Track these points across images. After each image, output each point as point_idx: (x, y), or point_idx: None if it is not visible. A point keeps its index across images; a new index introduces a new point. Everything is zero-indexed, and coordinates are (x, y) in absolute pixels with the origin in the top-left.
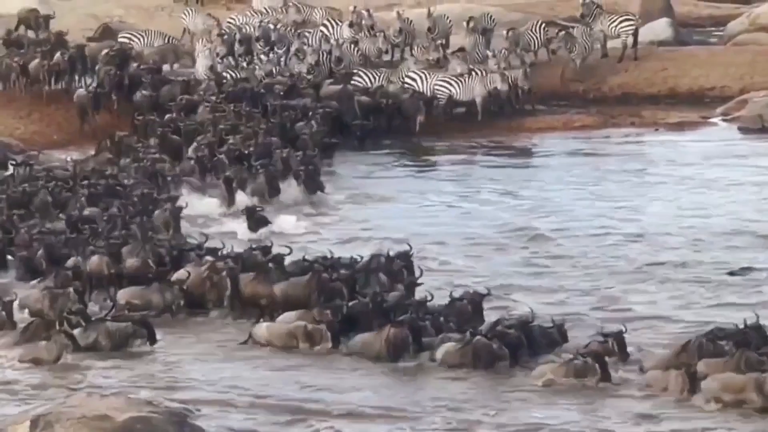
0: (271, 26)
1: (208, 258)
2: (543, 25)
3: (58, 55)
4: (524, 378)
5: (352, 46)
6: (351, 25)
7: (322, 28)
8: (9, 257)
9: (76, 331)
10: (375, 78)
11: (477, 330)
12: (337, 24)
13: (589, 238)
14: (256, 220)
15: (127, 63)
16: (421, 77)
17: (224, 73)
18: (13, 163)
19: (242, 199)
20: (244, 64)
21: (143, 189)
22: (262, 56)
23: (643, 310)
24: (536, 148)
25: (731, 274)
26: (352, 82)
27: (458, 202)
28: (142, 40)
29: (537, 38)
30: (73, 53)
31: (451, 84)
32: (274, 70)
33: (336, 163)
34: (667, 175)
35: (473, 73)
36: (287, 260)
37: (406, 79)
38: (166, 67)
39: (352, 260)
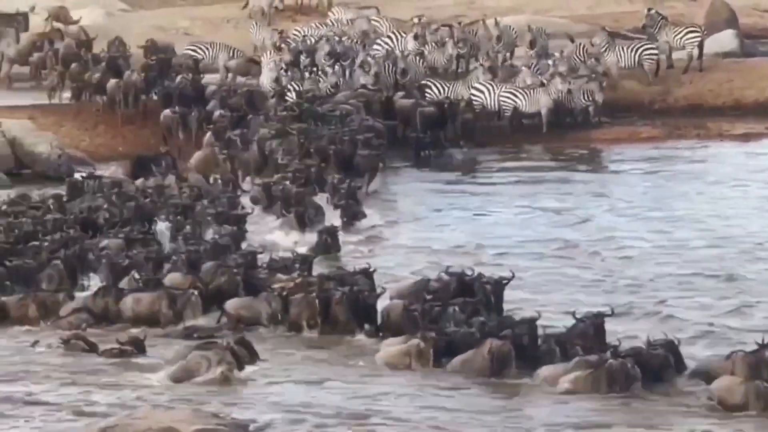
0: (337, 38)
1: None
2: (586, 47)
3: (134, 74)
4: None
5: (417, 57)
6: (416, 37)
7: (386, 39)
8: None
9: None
10: (444, 89)
11: (610, 351)
12: (401, 36)
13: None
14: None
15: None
16: (488, 88)
17: (289, 85)
18: (83, 176)
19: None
20: (308, 76)
21: (216, 207)
22: (327, 68)
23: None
24: (602, 160)
25: None
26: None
27: (524, 214)
28: (207, 52)
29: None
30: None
31: (516, 95)
32: (339, 82)
33: (402, 178)
34: (733, 186)
35: (541, 84)
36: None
37: (473, 91)
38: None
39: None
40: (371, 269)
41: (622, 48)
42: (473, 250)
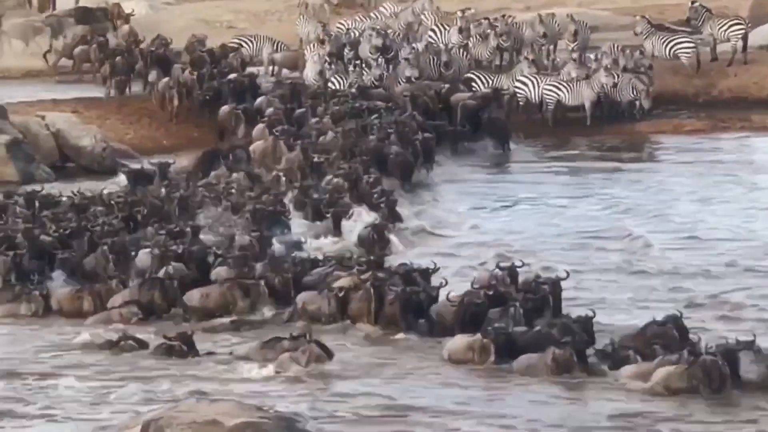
0: (381, 31)
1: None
2: (621, 47)
3: (185, 71)
4: None
5: (461, 50)
6: (460, 31)
7: (430, 32)
8: None
9: None
10: (489, 82)
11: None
12: (445, 29)
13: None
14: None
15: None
16: (532, 81)
17: (332, 78)
18: (152, 168)
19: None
20: (352, 69)
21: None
22: (372, 61)
23: None
24: (647, 152)
25: None
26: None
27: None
28: (251, 45)
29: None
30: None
31: (560, 88)
32: (383, 75)
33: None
34: None
35: (585, 77)
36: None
37: (517, 83)
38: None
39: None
40: (432, 268)
41: (659, 38)
42: (517, 242)
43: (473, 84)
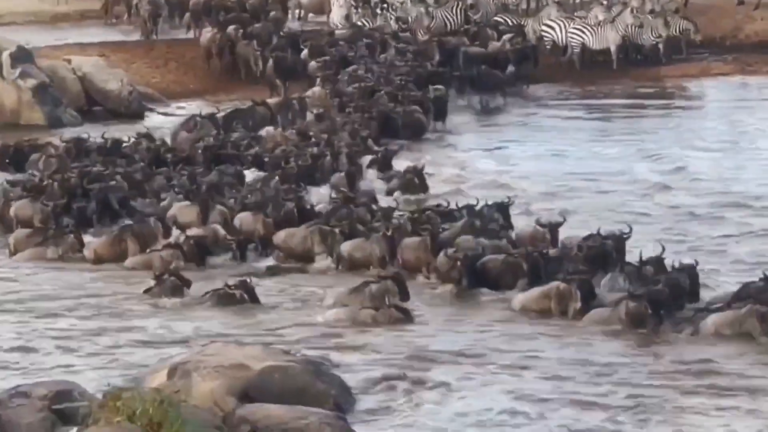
0: None
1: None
2: None
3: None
4: None
5: None
6: None
7: None
8: None
9: None
10: (516, 25)
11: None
12: None
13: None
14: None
15: None
16: (559, 25)
17: (359, 22)
18: (199, 116)
19: None
20: (379, 12)
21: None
22: (398, 5)
23: None
24: (673, 97)
25: None
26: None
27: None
28: None
29: None
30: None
31: (584, 32)
32: (410, 19)
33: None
34: None
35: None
36: None
37: (544, 27)
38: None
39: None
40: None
41: None
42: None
43: (500, 27)
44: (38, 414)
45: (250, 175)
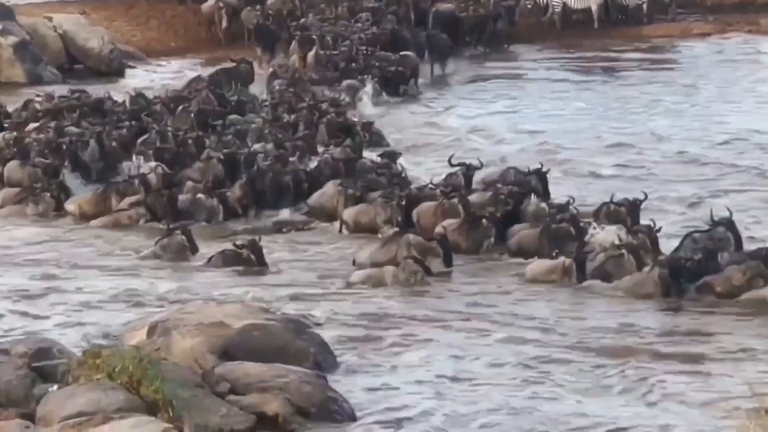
0: None
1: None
2: None
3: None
4: None
5: None
6: None
7: None
8: None
9: None
10: None
11: None
12: None
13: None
14: None
15: None
16: None
17: None
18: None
19: None
20: None
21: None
22: None
23: None
24: (654, 56)
25: None
26: None
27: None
28: None
29: None
30: None
31: None
32: None
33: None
34: None
35: None
36: None
37: None
38: None
39: None
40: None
41: None
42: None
43: None
44: (18, 371)
45: None
